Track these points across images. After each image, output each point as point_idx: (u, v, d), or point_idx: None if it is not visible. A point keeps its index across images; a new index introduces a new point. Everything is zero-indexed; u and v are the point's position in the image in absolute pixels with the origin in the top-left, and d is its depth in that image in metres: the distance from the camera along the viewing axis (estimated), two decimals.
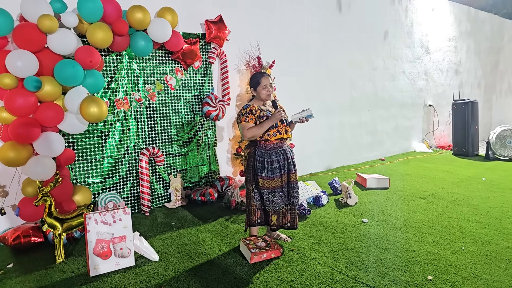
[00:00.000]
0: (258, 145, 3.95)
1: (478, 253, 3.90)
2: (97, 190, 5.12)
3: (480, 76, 12.82)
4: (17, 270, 3.78)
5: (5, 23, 3.85)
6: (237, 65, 6.46)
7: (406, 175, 7.51)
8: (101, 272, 3.63)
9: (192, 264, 3.80)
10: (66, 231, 3.95)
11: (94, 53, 4.34)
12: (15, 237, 4.13)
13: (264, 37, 6.70)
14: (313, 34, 7.66)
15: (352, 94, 8.61)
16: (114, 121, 5.24)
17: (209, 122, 6.20)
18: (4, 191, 4.53)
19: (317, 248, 4.10)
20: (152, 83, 5.53)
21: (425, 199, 5.77)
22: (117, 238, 3.75)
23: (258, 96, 4.04)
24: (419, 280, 3.39)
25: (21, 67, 3.85)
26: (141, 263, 3.83)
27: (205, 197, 5.70)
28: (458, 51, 11.74)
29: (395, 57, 9.63)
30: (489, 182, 6.73)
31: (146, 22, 4.81)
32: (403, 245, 4.12)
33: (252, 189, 3.98)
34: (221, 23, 6.03)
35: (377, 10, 9.01)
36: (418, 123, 10.70)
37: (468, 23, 11.97)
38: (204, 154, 6.22)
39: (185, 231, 4.69)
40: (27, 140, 4.01)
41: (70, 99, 4.24)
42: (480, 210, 5.20)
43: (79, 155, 4.96)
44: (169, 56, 5.64)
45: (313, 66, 7.73)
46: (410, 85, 10.21)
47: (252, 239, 4.05)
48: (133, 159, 5.43)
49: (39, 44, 4.04)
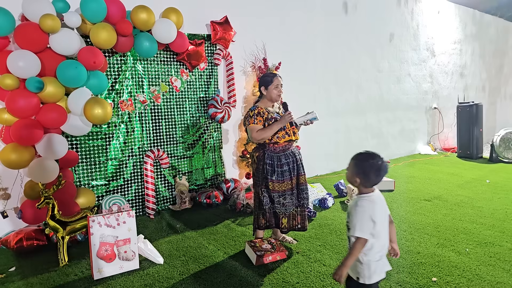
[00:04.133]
0: (267, 148, 3.90)
1: (482, 254, 3.91)
2: (101, 193, 5.08)
3: (484, 79, 12.78)
4: (20, 273, 3.73)
5: (6, 23, 3.82)
6: (242, 67, 6.43)
7: (411, 177, 7.47)
8: (105, 275, 3.59)
9: (197, 267, 3.76)
10: (69, 234, 3.91)
11: (98, 54, 4.30)
12: (17, 240, 4.09)
13: (270, 39, 6.66)
14: (319, 36, 7.62)
15: (357, 97, 8.57)
16: (119, 123, 5.20)
17: (214, 124, 6.16)
18: (6, 193, 4.50)
19: (322, 250, 4.06)
20: (157, 84, 5.49)
21: (430, 201, 5.75)
22: (121, 241, 3.70)
23: (268, 95, 3.99)
24: (423, 281, 3.38)
25: (23, 68, 3.82)
26: (146, 266, 3.79)
27: (210, 200, 5.66)
28: (463, 54, 11.71)
29: (401, 60, 9.60)
30: (493, 184, 6.71)
31: (151, 22, 4.78)
32: (408, 247, 4.11)
33: (261, 192, 3.93)
34: (226, 24, 6.00)
35: (383, 12, 8.98)
36: (423, 126, 10.66)
37: (473, 26, 11.94)
38: (210, 156, 6.18)
39: (190, 234, 4.64)
40: (29, 142, 3.98)
41: (73, 101, 4.20)
42: (484, 212, 5.20)
43: (82, 157, 4.92)
44: (174, 57, 5.60)
45: (319, 68, 7.70)
46: (415, 88, 10.17)
47: (258, 242, 4.00)
48: (137, 161, 5.39)
49: (41, 44, 4.00)
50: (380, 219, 2.38)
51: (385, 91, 9.27)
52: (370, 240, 2.33)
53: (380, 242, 2.39)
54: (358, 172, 2.44)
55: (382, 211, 2.44)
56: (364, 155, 2.49)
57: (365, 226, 2.32)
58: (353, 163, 2.50)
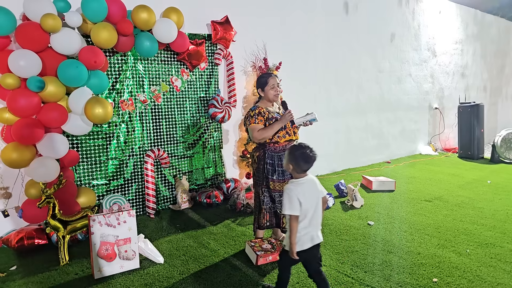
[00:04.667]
0: (267, 147, 3.90)
1: (483, 255, 3.91)
2: (101, 192, 5.09)
3: (486, 79, 12.76)
4: (21, 272, 3.74)
5: (7, 22, 3.82)
6: (243, 67, 6.43)
7: (411, 177, 7.47)
8: (106, 274, 3.60)
9: (197, 267, 3.76)
10: (70, 233, 3.91)
11: (99, 54, 4.31)
12: (18, 239, 4.10)
13: (271, 39, 6.66)
14: (320, 36, 7.62)
15: (358, 97, 8.57)
16: (119, 123, 5.20)
17: (215, 124, 6.16)
18: (7, 192, 4.50)
19: (322, 250, 4.05)
20: (158, 84, 5.50)
21: (431, 202, 5.75)
22: (122, 240, 3.71)
23: (265, 96, 3.99)
24: (424, 282, 3.39)
25: (24, 67, 3.82)
26: (146, 266, 3.80)
27: (210, 199, 5.67)
28: (464, 54, 11.69)
29: (402, 60, 9.59)
30: (494, 185, 6.71)
31: (151, 22, 4.78)
32: (408, 248, 4.11)
33: (262, 192, 3.95)
34: (227, 24, 6.00)
35: (384, 12, 8.97)
36: (424, 126, 10.65)
37: (474, 26, 11.92)
38: (210, 156, 6.18)
39: (190, 233, 4.65)
40: (30, 141, 3.98)
41: (74, 100, 4.21)
42: (485, 213, 5.20)
43: (83, 156, 4.93)
44: (174, 57, 5.61)
45: (320, 68, 7.69)
46: (416, 88, 10.16)
47: (258, 242, 4.01)
48: (138, 160, 5.39)
49: (42, 43, 4.01)
50: (307, 199, 2.82)
51: (386, 91, 9.26)
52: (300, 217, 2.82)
53: (306, 219, 2.85)
54: (290, 160, 2.91)
55: (310, 193, 2.87)
56: (297, 146, 2.99)
57: (293, 205, 2.78)
58: (287, 153, 2.96)
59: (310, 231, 2.87)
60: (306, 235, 2.85)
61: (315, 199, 2.89)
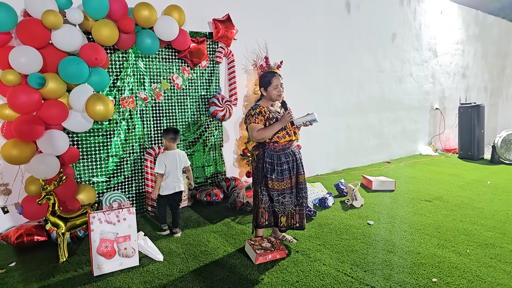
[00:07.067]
0: (267, 146, 3.89)
1: (482, 256, 3.91)
2: (101, 189, 5.08)
3: (486, 80, 12.76)
4: (20, 269, 3.74)
5: (8, 18, 3.81)
6: (244, 65, 6.42)
7: (412, 177, 7.47)
8: (105, 271, 3.59)
9: (196, 265, 3.76)
10: (70, 230, 3.92)
11: (100, 51, 4.30)
12: (18, 235, 4.09)
13: (272, 38, 6.65)
14: (321, 35, 7.61)
15: (359, 96, 8.56)
16: (120, 120, 5.20)
17: (215, 122, 6.16)
18: (7, 189, 4.50)
19: (322, 249, 4.06)
20: (158, 82, 5.49)
21: (431, 202, 5.75)
22: (121, 237, 3.71)
23: (268, 96, 3.97)
24: (423, 282, 3.39)
25: (25, 64, 3.81)
26: (145, 263, 3.79)
27: (210, 198, 5.67)
28: (465, 54, 11.69)
29: (403, 60, 9.58)
30: (494, 186, 6.72)
31: (153, 19, 4.77)
32: (408, 247, 4.10)
33: (261, 191, 3.93)
34: (228, 22, 5.99)
35: (386, 12, 8.96)
36: (424, 126, 10.65)
37: (476, 26, 11.92)
38: (210, 154, 6.18)
39: (190, 231, 4.65)
40: (30, 138, 3.97)
41: (75, 97, 4.21)
42: (485, 213, 5.20)
43: (83, 153, 4.92)
44: (175, 55, 5.60)
45: (321, 67, 7.68)
46: (417, 88, 10.16)
47: (258, 240, 4.01)
48: (138, 158, 5.39)
49: (43, 40, 4.00)
50: (170, 164, 4.49)
51: (387, 91, 9.26)
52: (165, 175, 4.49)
53: (171, 177, 4.53)
54: (163, 138, 4.60)
55: (173, 161, 4.52)
56: (166, 129, 4.63)
57: (160, 166, 4.45)
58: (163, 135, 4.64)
59: (173, 183, 4.55)
60: (170, 185, 4.54)
61: (177, 165, 4.55)
